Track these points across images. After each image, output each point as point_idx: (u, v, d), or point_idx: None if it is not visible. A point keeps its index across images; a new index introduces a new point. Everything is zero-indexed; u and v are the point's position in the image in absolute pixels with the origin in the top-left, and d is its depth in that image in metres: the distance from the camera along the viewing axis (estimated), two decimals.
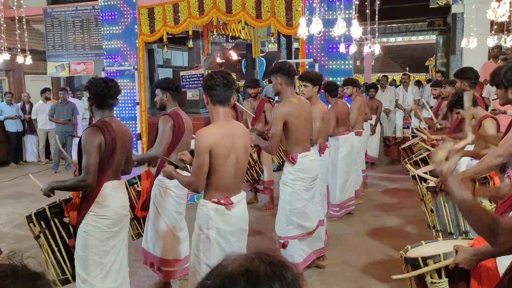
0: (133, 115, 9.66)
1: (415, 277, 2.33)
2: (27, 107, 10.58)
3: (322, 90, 5.47)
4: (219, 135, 2.75)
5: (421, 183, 3.77)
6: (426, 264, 2.22)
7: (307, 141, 4.11)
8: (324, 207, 4.86)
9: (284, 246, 4.03)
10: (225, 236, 2.85)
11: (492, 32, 7.67)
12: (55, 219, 3.18)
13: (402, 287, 3.96)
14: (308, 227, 4.10)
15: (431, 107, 5.84)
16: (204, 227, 2.83)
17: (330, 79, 7.31)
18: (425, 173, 3.82)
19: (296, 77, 4.70)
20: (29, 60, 9.32)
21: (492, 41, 7.14)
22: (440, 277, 2.19)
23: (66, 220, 3.18)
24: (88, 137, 3.01)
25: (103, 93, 3.10)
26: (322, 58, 8.31)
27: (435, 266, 2.18)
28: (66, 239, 3.22)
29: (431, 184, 3.48)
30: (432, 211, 3.49)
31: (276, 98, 8.90)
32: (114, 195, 3.17)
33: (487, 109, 5.57)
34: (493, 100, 6.34)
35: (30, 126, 10.64)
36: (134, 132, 9.64)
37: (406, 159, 5.27)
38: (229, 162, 2.79)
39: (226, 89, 2.82)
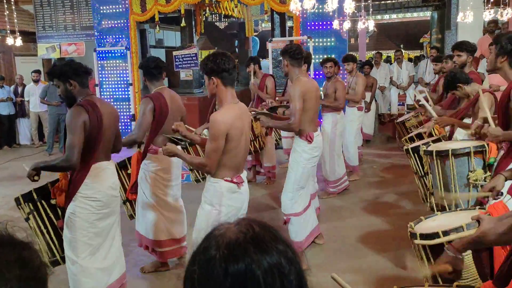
0: (126, 96, 9.58)
1: (434, 254, 2.27)
2: (20, 89, 10.44)
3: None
4: (233, 119, 2.77)
5: (417, 154, 3.81)
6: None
7: (317, 119, 4.21)
8: (315, 182, 4.88)
9: (285, 223, 4.08)
10: (235, 213, 2.90)
11: (488, 5, 7.59)
12: (42, 201, 3.14)
13: (398, 259, 4.02)
14: (306, 201, 4.17)
15: (427, 84, 5.81)
16: (216, 204, 2.86)
17: (325, 56, 7.24)
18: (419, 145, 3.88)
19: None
20: (19, 42, 9.17)
21: (488, 15, 7.06)
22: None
23: (53, 201, 3.14)
24: (72, 116, 2.95)
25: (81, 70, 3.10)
26: (316, 36, 8.23)
27: (462, 235, 2.13)
28: (55, 221, 3.18)
29: (429, 149, 3.51)
30: (426, 173, 3.57)
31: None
32: (103, 177, 3.11)
33: (481, 83, 5.53)
34: (488, 74, 6.30)
35: (22, 109, 10.52)
36: (128, 113, 9.57)
37: (404, 139, 5.25)
38: (241, 143, 2.84)
39: (235, 70, 2.84)
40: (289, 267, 0.87)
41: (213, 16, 16.62)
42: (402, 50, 12.26)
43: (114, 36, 9.50)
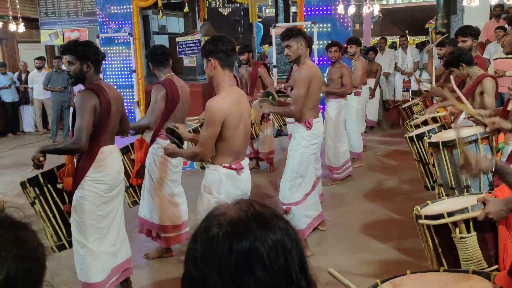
0: (129, 82, 9.56)
1: (438, 236, 2.29)
2: (23, 76, 10.43)
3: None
4: (231, 105, 2.71)
5: (421, 141, 3.76)
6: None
7: (318, 106, 4.13)
8: (319, 168, 4.86)
9: (286, 212, 4.04)
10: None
11: None
12: (48, 185, 3.15)
13: (401, 245, 4.02)
14: (306, 188, 4.12)
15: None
16: (215, 191, 2.83)
17: (329, 41, 7.18)
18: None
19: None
20: (21, 28, 9.14)
21: None
22: (468, 231, 2.17)
23: (59, 186, 3.16)
24: (83, 100, 2.96)
25: (100, 55, 3.12)
26: (320, 21, 8.15)
27: (466, 216, 2.14)
28: (61, 205, 3.20)
29: (433, 139, 3.45)
30: (433, 165, 3.48)
31: (274, 62, 8.81)
32: (110, 160, 3.15)
33: (486, 69, 5.48)
34: (493, 59, 6.24)
35: (25, 96, 10.52)
36: (131, 100, 9.56)
37: (407, 121, 5.21)
38: (239, 130, 2.80)
39: (235, 52, 2.81)
40: (291, 244, 0.87)
41: (217, 1, 16.51)
42: (407, 35, 12.11)
43: (117, 22, 9.44)
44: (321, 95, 4.47)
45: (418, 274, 1.84)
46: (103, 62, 3.24)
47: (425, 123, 4.74)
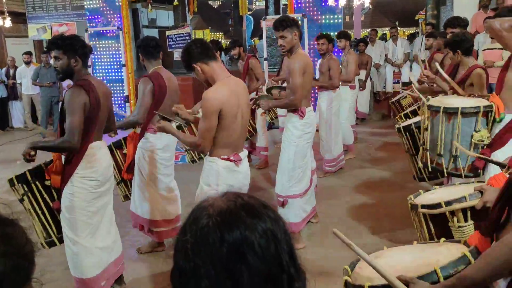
0: (119, 77, 9.47)
1: (435, 225, 2.29)
2: (12, 71, 10.31)
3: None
4: (226, 95, 2.68)
5: (408, 133, 3.79)
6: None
7: (310, 95, 4.15)
8: (313, 161, 4.87)
9: (283, 205, 4.02)
10: None
11: None
12: (37, 182, 3.12)
13: (392, 238, 4.05)
14: (306, 183, 4.10)
15: (423, 61, 5.75)
16: (213, 183, 2.81)
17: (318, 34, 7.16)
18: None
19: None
20: (8, 23, 9.04)
21: None
22: (466, 220, 2.17)
23: (47, 183, 3.13)
24: (72, 97, 2.91)
25: (87, 49, 3.07)
26: (311, 13, 8.13)
27: (465, 205, 2.14)
28: (50, 202, 3.17)
29: (434, 103, 3.36)
30: (426, 129, 3.41)
31: (265, 55, 8.77)
32: (99, 156, 3.12)
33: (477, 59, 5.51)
34: (483, 50, 6.27)
35: (14, 92, 10.41)
36: (121, 94, 9.49)
37: (399, 116, 5.20)
38: (237, 120, 2.77)
39: (206, 45, 2.79)
40: (280, 233, 0.88)
41: None
42: (398, 27, 12.13)
43: (106, 16, 9.34)
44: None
45: (395, 248, 1.87)
46: (92, 56, 3.20)
47: (415, 114, 4.76)
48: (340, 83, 6.08)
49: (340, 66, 6.77)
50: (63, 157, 3.09)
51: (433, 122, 3.34)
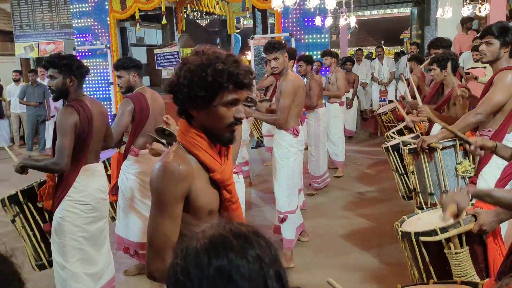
0: (107, 95, 9.46)
1: (429, 251, 2.21)
2: None
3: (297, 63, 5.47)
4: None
5: (396, 152, 3.82)
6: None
7: (302, 114, 4.28)
8: (301, 179, 4.90)
9: (283, 220, 4.05)
10: None
11: (467, 1, 7.67)
12: (29, 203, 3.06)
13: (381, 256, 4.05)
14: (297, 200, 4.19)
15: (407, 79, 5.84)
16: None
17: (307, 53, 7.25)
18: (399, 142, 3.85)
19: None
20: None
21: (466, 10, 7.14)
22: (461, 246, 2.12)
23: (39, 204, 3.06)
24: (62, 118, 2.84)
25: (84, 69, 2.98)
26: (298, 32, 8.24)
27: (462, 230, 2.08)
28: (41, 224, 3.10)
29: (412, 146, 3.44)
30: (413, 173, 3.46)
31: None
32: (91, 179, 3.04)
33: (461, 80, 5.60)
34: (467, 69, 6.39)
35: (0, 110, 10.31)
36: (110, 112, 9.46)
37: (386, 134, 5.25)
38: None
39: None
40: (269, 257, 0.90)
41: (195, 13, 16.53)
42: (383, 46, 12.35)
43: (93, 35, 9.36)
44: None
45: None
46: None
47: (401, 132, 4.80)
48: (325, 101, 6.13)
49: (328, 84, 6.85)
50: (56, 178, 3.03)
51: (417, 165, 3.42)
